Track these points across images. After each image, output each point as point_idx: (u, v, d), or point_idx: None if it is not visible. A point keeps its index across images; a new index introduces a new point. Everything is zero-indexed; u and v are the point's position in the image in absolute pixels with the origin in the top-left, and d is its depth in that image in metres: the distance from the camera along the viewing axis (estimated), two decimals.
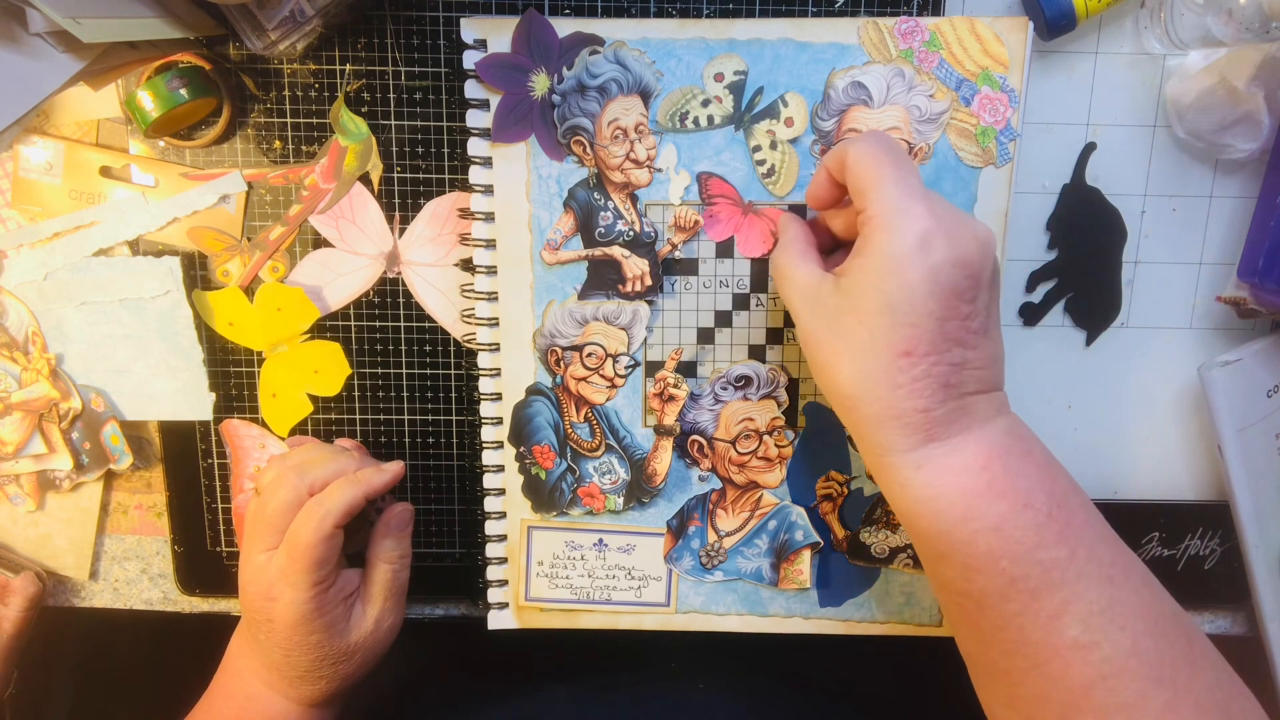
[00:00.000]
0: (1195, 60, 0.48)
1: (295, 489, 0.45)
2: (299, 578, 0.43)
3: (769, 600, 0.52)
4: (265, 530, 0.45)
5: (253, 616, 0.45)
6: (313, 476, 0.45)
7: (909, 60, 0.46)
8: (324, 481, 0.45)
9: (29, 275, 0.50)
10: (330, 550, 0.44)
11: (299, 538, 0.43)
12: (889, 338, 0.36)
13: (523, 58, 0.46)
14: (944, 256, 0.35)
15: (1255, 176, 0.49)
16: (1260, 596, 0.51)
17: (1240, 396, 0.49)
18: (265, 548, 0.45)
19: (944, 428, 0.36)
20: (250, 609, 0.45)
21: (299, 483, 0.45)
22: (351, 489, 0.45)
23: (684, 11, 0.48)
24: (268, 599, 0.44)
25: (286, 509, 0.44)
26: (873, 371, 0.36)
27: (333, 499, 0.44)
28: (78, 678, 0.77)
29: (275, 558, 0.44)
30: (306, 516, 0.44)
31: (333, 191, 0.50)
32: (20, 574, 0.53)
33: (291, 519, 0.44)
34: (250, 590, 0.45)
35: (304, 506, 0.44)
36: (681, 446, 0.50)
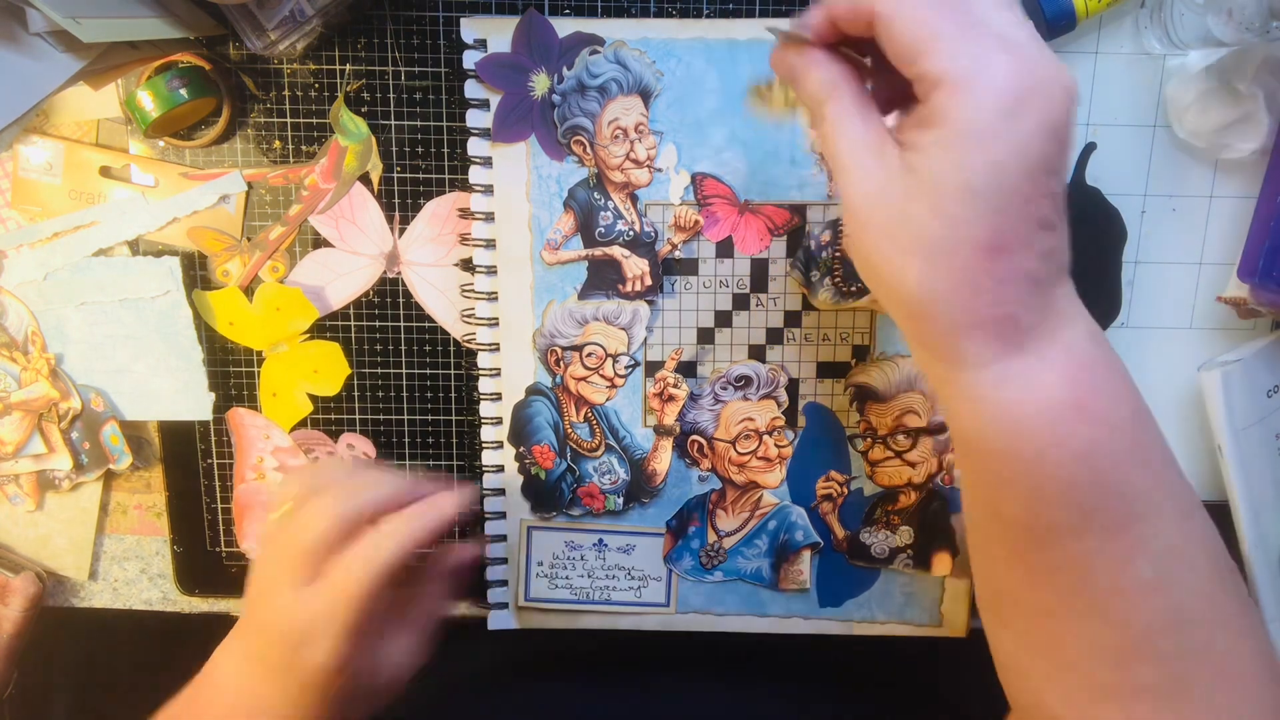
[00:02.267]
0: (1195, 60, 0.47)
1: (342, 519, 0.38)
2: (341, 629, 0.37)
3: (769, 600, 0.52)
4: (298, 562, 0.38)
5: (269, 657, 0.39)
6: (362, 504, 0.39)
7: None
8: (374, 511, 0.39)
9: (29, 275, 0.50)
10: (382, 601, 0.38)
11: (348, 584, 0.37)
12: (972, 230, 0.29)
13: (523, 58, 0.46)
14: (1035, 123, 0.28)
15: (1255, 176, 0.49)
16: (1260, 596, 0.51)
17: (1240, 396, 0.49)
18: (297, 583, 0.38)
19: (1030, 335, 0.30)
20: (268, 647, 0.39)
21: (346, 511, 0.38)
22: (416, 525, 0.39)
23: (684, 11, 0.48)
24: (296, 645, 0.37)
25: (329, 542, 0.38)
26: (951, 272, 0.29)
27: (394, 540, 0.38)
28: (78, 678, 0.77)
29: (310, 599, 0.37)
30: (362, 561, 0.37)
31: (333, 191, 0.50)
32: (20, 574, 0.53)
33: (333, 553, 0.38)
34: (271, 630, 0.38)
35: (359, 545, 0.38)
36: (681, 446, 0.50)
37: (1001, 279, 0.29)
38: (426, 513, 0.40)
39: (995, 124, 0.28)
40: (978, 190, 0.28)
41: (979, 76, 0.28)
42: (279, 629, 0.38)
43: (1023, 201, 0.29)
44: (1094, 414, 0.30)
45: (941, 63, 0.28)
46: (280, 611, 0.38)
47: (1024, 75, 0.28)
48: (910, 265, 0.30)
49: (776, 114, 0.46)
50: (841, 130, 0.31)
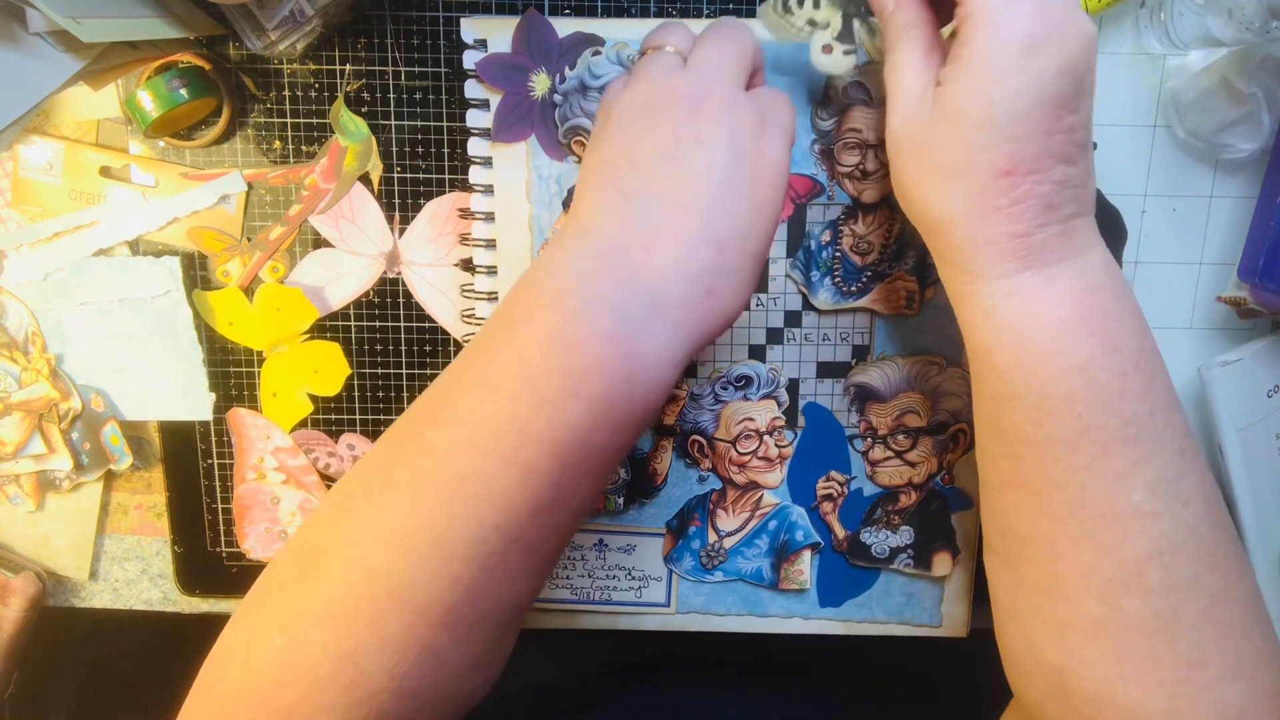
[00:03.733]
0: (1195, 60, 0.48)
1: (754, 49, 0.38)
2: (784, 123, 0.37)
3: (769, 600, 0.52)
4: (739, 67, 0.37)
5: (739, 160, 0.35)
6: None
7: None
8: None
9: (29, 275, 0.50)
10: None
11: (784, 96, 0.38)
12: (989, 154, 0.32)
13: (523, 58, 0.46)
14: (1051, 62, 0.31)
15: (1255, 176, 0.49)
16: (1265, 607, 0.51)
17: (1240, 396, 0.49)
18: (739, 83, 0.37)
19: (1042, 254, 0.33)
20: (741, 152, 0.35)
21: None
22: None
23: (684, 11, 0.48)
24: (757, 130, 0.35)
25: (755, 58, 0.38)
26: (969, 192, 0.33)
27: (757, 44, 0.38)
28: (78, 678, 0.77)
29: (757, 96, 0.37)
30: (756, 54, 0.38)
31: (333, 191, 0.50)
32: (20, 574, 0.53)
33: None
34: (718, 124, 0.34)
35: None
36: (681, 446, 0.50)
37: (1016, 199, 0.32)
38: None
39: (1014, 60, 0.31)
40: (995, 119, 0.32)
41: (1003, 15, 0.31)
42: (730, 122, 0.34)
43: (1038, 133, 0.32)
44: (1097, 332, 0.33)
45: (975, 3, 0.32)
46: (735, 99, 0.35)
47: (1044, 19, 0.31)
48: (934, 185, 0.34)
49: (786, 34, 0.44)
50: (901, 68, 0.36)
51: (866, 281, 0.48)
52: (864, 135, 0.46)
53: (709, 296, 0.33)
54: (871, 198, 0.47)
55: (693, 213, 0.33)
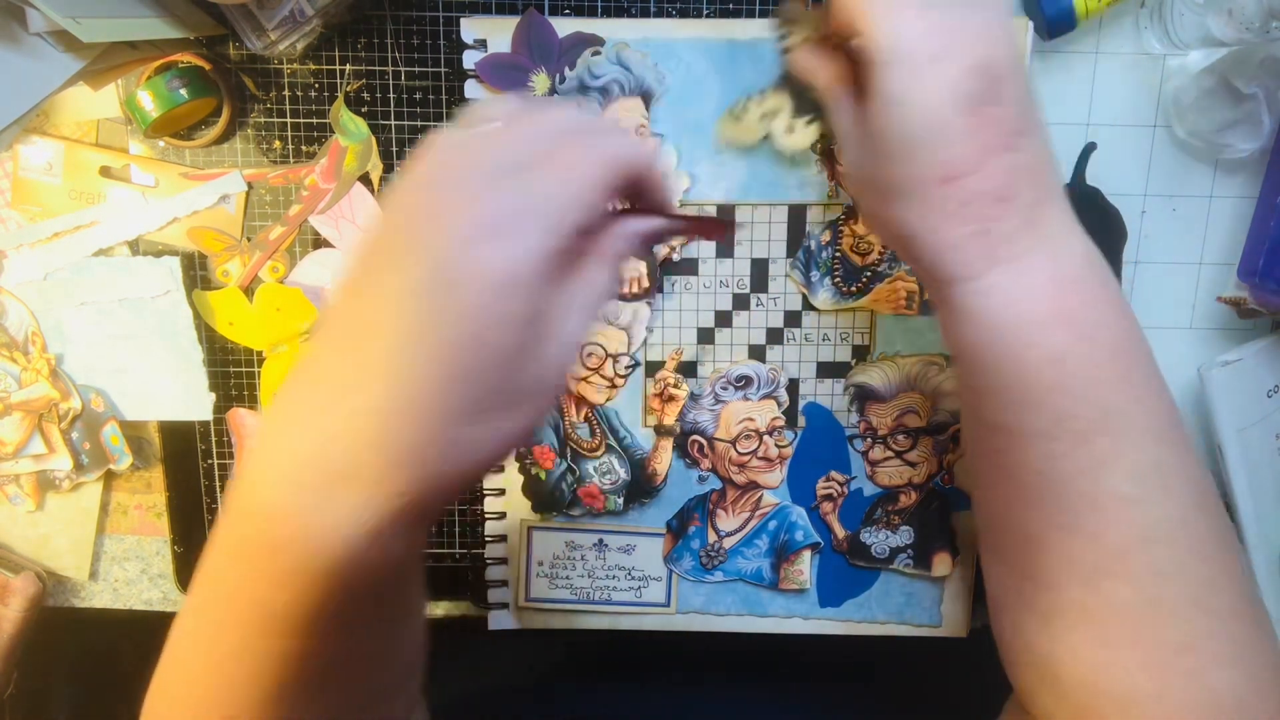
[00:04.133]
0: (1195, 60, 0.48)
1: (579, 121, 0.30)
2: (548, 218, 0.26)
3: (769, 600, 0.52)
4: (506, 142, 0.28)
5: (435, 290, 0.25)
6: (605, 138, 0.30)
7: None
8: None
9: (29, 275, 0.50)
10: (605, 199, 0.29)
11: (578, 160, 0.27)
12: (925, 169, 0.33)
13: (523, 58, 0.46)
14: (954, 67, 0.32)
15: (1255, 176, 0.49)
16: (1260, 596, 0.51)
17: (1240, 396, 0.49)
18: (498, 163, 0.27)
19: (1008, 248, 0.33)
20: (438, 273, 0.25)
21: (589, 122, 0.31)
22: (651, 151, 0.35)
23: (684, 11, 0.48)
24: (490, 231, 0.25)
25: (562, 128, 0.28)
26: (920, 206, 0.34)
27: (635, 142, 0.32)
28: (78, 678, 0.77)
29: (523, 179, 0.26)
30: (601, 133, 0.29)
31: (333, 191, 0.50)
32: (20, 574, 0.53)
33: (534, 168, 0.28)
34: (448, 219, 0.26)
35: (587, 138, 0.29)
36: (681, 446, 0.50)
37: (963, 201, 0.33)
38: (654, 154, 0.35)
39: (915, 79, 0.32)
40: (918, 139, 0.33)
41: (897, 46, 0.32)
42: (447, 215, 0.26)
43: (964, 134, 0.32)
44: (1071, 323, 0.33)
45: (868, 36, 0.33)
46: (452, 194, 0.26)
47: (934, 31, 0.32)
48: (888, 209, 0.35)
49: (746, 138, 0.46)
50: (838, 118, 0.37)
51: (866, 281, 0.48)
52: None
53: (403, 469, 0.26)
54: None
55: (374, 361, 0.26)
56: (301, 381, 0.28)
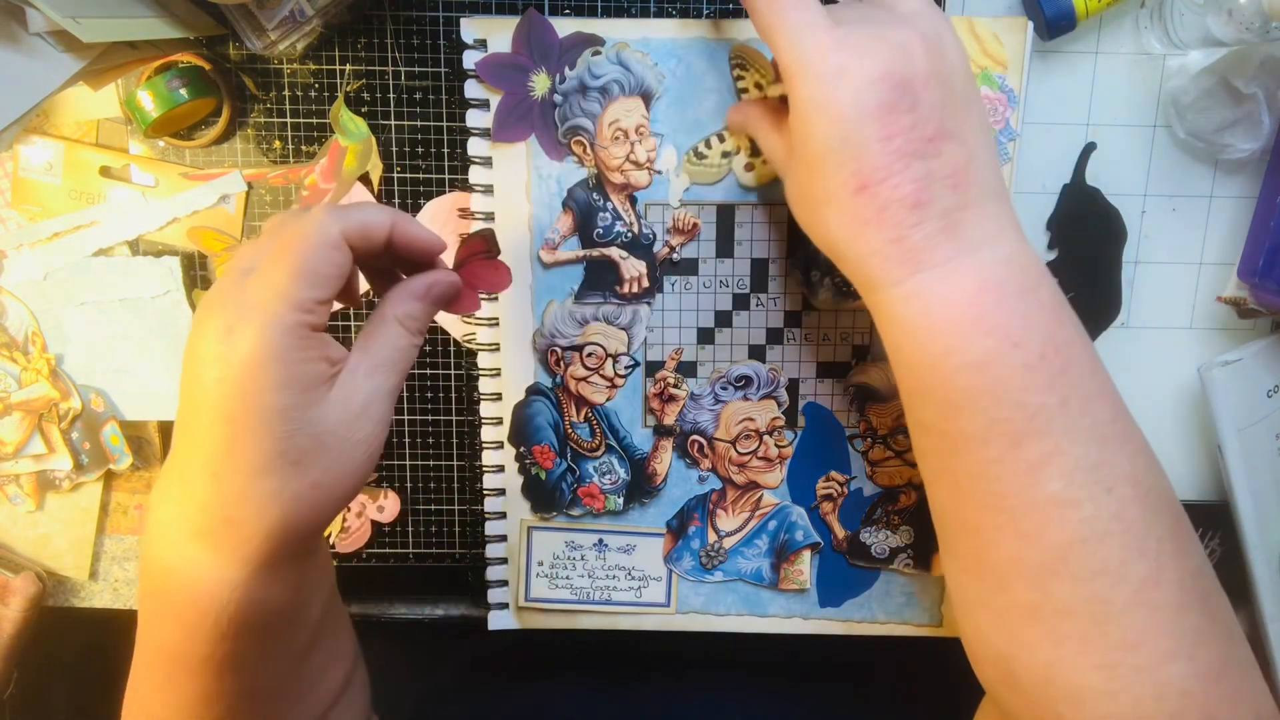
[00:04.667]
0: (1195, 60, 0.48)
1: (317, 221, 0.33)
2: (280, 289, 0.32)
3: (769, 601, 0.52)
4: (244, 253, 0.34)
5: (193, 375, 0.32)
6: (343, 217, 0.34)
7: None
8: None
9: (29, 275, 0.50)
10: (330, 267, 0.33)
11: (293, 234, 0.33)
12: (839, 178, 0.34)
13: (523, 58, 0.46)
14: (860, 79, 0.33)
15: (1255, 176, 0.49)
16: (1260, 596, 0.51)
17: (1240, 396, 0.49)
18: (238, 270, 0.33)
19: (931, 252, 0.34)
20: (193, 362, 0.32)
21: (325, 219, 0.34)
22: (380, 212, 0.35)
23: (684, 11, 0.48)
24: (225, 330, 0.31)
25: (298, 235, 0.33)
26: (840, 215, 0.35)
27: (350, 210, 0.34)
28: (78, 678, 0.77)
29: (250, 276, 0.32)
30: (308, 216, 0.33)
31: (333, 191, 0.50)
32: (20, 574, 0.53)
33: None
34: (194, 332, 0.32)
35: (299, 218, 0.34)
36: (681, 446, 0.50)
37: (879, 209, 0.34)
38: (395, 211, 0.36)
39: (823, 91, 0.34)
40: (831, 148, 0.34)
41: (804, 55, 0.34)
42: (209, 325, 0.32)
43: (875, 142, 0.33)
44: (993, 329, 0.33)
45: (781, 52, 0.35)
46: (208, 308, 0.33)
47: (840, 45, 0.34)
48: (814, 219, 0.37)
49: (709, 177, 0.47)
50: (762, 140, 0.41)
51: None
52: None
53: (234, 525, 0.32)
54: None
55: (184, 442, 0.33)
56: (168, 461, 0.34)
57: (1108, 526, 0.33)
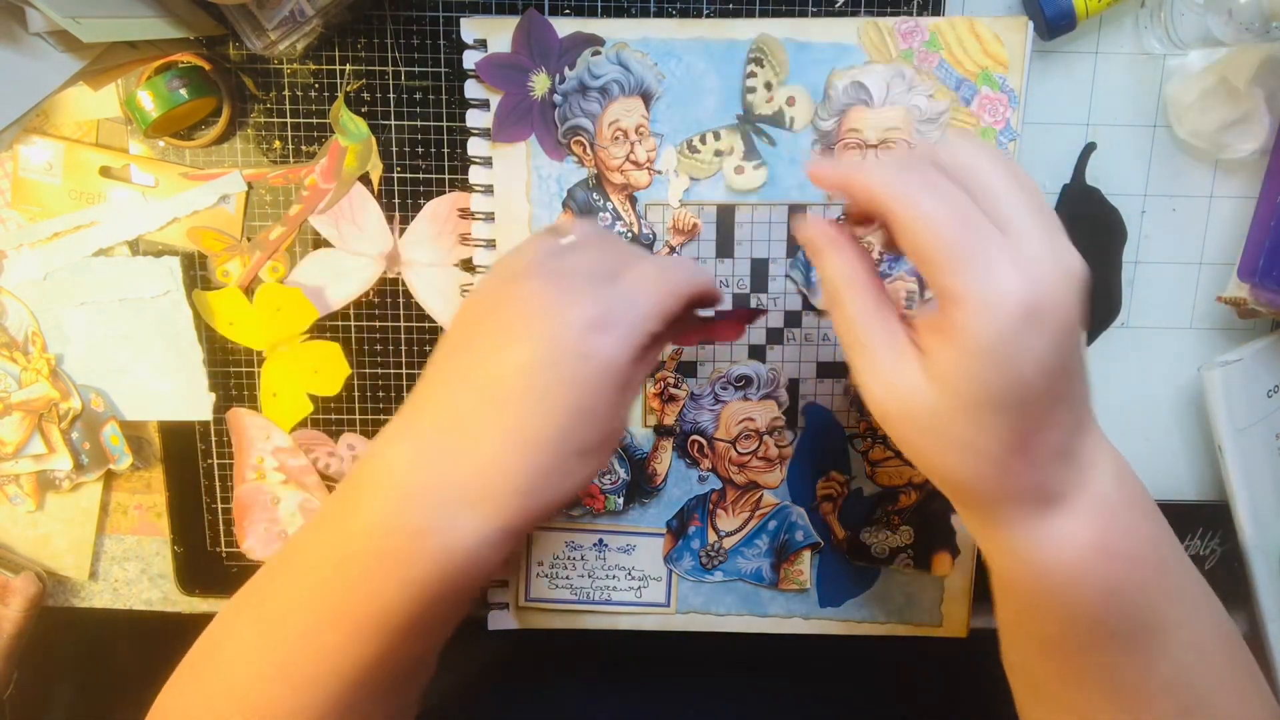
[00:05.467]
0: (1195, 60, 0.48)
1: (694, 268, 0.37)
2: (651, 307, 0.34)
3: (769, 600, 0.52)
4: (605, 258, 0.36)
5: (558, 359, 0.32)
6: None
7: (909, 60, 0.46)
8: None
9: (29, 275, 0.50)
10: (681, 306, 0.36)
11: (672, 265, 0.36)
12: (999, 431, 0.31)
13: (523, 58, 0.46)
14: (1050, 332, 0.30)
15: (1255, 176, 0.49)
16: (1260, 596, 0.51)
17: (1240, 396, 0.49)
18: (595, 282, 0.34)
19: (1059, 490, 0.33)
20: (537, 344, 0.33)
21: (697, 269, 0.37)
22: (708, 278, 0.37)
23: (684, 11, 0.48)
24: (591, 326, 0.32)
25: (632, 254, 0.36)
26: (983, 464, 0.32)
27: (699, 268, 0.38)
28: (78, 678, 0.77)
29: (619, 284, 0.34)
30: (684, 261, 0.38)
31: (333, 191, 0.50)
32: (20, 574, 0.53)
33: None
34: (561, 312, 0.33)
35: (659, 263, 0.36)
36: (681, 446, 0.50)
37: (1031, 460, 0.32)
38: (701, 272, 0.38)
39: (1009, 344, 0.29)
40: (1001, 402, 0.30)
41: (992, 298, 0.29)
42: (557, 318, 0.33)
43: (1046, 394, 0.31)
44: (1117, 553, 0.33)
45: (956, 280, 0.30)
46: (574, 294, 0.33)
47: (1035, 291, 0.29)
48: (945, 457, 0.33)
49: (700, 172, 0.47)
50: (860, 325, 0.33)
51: None
52: (864, 135, 0.46)
53: (523, 495, 0.33)
54: None
55: (506, 412, 0.33)
56: (426, 423, 0.34)
57: (1209, 696, 0.34)
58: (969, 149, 0.32)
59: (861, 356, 0.33)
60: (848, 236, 0.35)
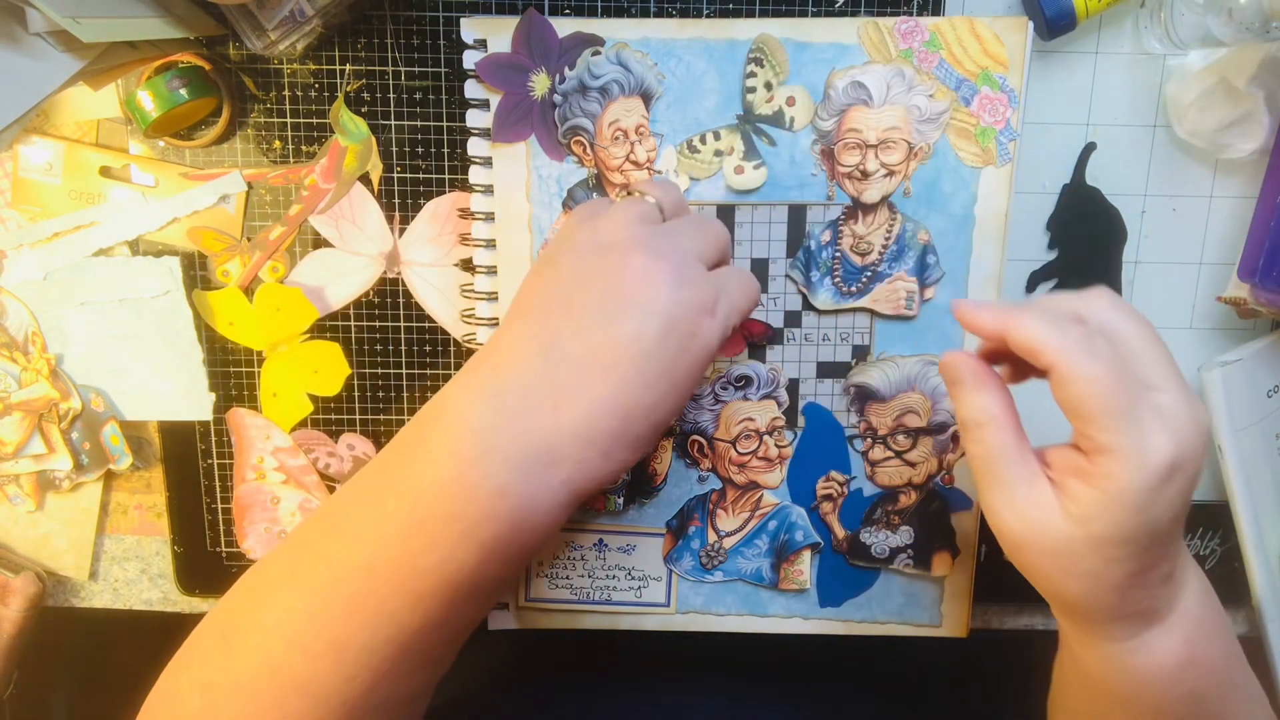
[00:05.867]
0: (1195, 60, 0.48)
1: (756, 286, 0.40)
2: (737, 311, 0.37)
3: (769, 600, 0.52)
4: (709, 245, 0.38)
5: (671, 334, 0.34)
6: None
7: (909, 60, 0.46)
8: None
9: (29, 275, 0.50)
10: None
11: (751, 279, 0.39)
12: (1124, 564, 0.34)
13: (523, 58, 0.46)
14: (1186, 478, 0.34)
15: (1255, 176, 0.49)
16: (1260, 596, 0.51)
17: (1240, 396, 0.49)
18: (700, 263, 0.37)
19: (1160, 609, 0.36)
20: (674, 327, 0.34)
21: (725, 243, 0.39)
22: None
23: (684, 11, 0.48)
24: (705, 310, 0.35)
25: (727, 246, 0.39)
26: (1105, 590, 0.35)
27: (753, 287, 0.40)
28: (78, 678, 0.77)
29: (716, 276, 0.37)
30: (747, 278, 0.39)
31: (333, 191, 0.50)
32: (20, 574, 0.53)
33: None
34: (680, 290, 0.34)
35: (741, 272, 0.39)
36: (681, 446, 0.50)
37: (1146, 586, 0.35)
38: None
39: (1152, 494, 0.33)
40: (1133, 541, 0.34)
41: (1141, 454, 0.33)
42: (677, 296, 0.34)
43: (1168, 534, 0.35)
44: (1202, 664, 0.37)
45: (1110, 436, 0.33)
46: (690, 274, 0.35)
47: (1179, 449, 0.33)
48: (1069, 583, 0.36)
49: (700, 172, 0.46)
50: (999, 461, 0.36)
51: (866, 281, 0.48)
52: (864, 135, 0.46)
53: (604, 458, 0.34)
54: (871, 198, 0.47)
55: (608, 378, 0.33)
56: (511, 381, 0.34)
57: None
58: (1110, 306, 0.35)
59: (996, 488, 0.36)
60: (988, 373, 0.37)
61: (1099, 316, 0.35)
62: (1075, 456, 0.35)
